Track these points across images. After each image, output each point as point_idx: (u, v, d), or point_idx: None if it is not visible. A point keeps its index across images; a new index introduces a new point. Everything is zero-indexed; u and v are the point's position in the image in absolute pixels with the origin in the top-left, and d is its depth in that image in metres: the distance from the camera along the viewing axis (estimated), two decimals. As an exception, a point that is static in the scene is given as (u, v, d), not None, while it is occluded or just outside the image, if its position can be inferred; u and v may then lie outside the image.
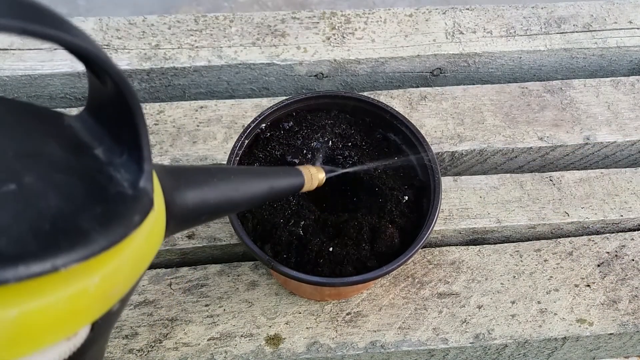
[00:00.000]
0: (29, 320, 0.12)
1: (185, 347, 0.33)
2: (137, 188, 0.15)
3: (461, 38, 0.47)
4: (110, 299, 0.14)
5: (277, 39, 0.46)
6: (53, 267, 0.12)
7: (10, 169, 0.13)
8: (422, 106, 0.43)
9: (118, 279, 0.14)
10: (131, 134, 0.15)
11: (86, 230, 0.13)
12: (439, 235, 0.38)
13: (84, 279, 0.13)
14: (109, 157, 0.16)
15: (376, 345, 0.33)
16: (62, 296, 0.12)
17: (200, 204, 0.18)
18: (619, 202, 0.39)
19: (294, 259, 0.30)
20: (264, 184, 0.22)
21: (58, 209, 0.13)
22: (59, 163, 0.14)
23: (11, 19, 0.11)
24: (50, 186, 0.13)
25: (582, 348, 0.36)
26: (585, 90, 0.45)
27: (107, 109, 0.16)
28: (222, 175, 0.20)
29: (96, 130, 0.16)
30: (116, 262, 0.14)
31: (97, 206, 0.14)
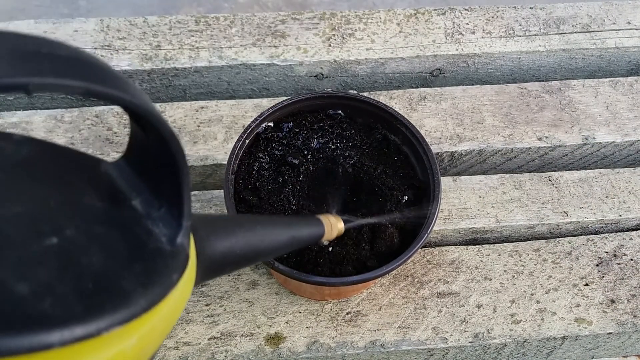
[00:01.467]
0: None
1: (185, 346, 0.33)
2: (175, 244, 0.15)
3: (460, 39, 0.47)
4: (143, 357, 0.14)
5: (277, 39, 0.46)
6: (97, 330, 0.12)
7: (51, 221, 0.13)
8: (421, 106, 0.43)
9: (153, 338, 0.14)
10: (172, 189, 0.15)
11: (128, 291, 0.13)
12: (439, 235, 0.38)
13: (122, 341, 0.13)
14: (147, 210, 0.15)
15: (376, 344, 0.33)
16: (104, 358, 0.12)
17: (227, 254, 0.18)
18: (617, 202, 0.39)
19: (294, 258, 0.30)
20: (286, 234, 0.22)
21: (100, 266, 0.13)
22: (98, 214, 0.14)
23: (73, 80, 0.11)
24: (91, 239, 0.13)
25: (581, 347, 0.36)
26: (584, 90, 0.45)
27: (147, 160, 0.16)
28: (249, 226, 0.20)
29: (134, 180, 0.16)
30: (153, 322, 0.14)
31: (137, 263, 0.14)
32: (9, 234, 0.12)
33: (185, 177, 0.15)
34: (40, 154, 0.15)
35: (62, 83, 0.11)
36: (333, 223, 0.26)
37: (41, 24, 0.45)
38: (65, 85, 0.11)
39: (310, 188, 0.34)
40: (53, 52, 0.12)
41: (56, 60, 0.12)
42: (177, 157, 0.15)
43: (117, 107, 0.42)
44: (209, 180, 0.41)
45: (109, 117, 0.42)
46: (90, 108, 0.42)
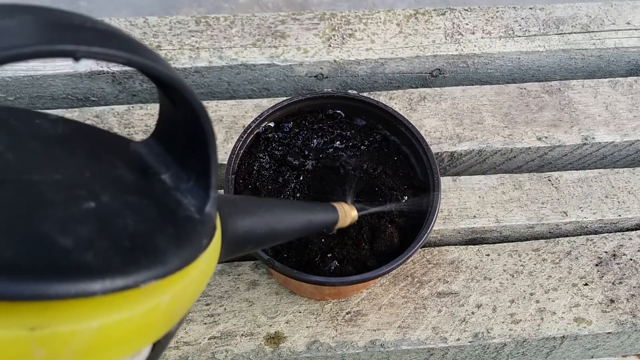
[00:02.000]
0: (107, 333, 0.12)
1: (186, 345, 0.33)
2: (204, 213, 0.16)
3: (460, 39, 0.47)
4: (174, 318, 0.15)
5: (278, 40, 0.46)
6: (135, 282, 0.12)
7: (88, 188, 0.14)
8: (421, 107, 0.43)
9: (184, 298, 0.15)
10: (200, 161, 0.16)
11: (163, 249, 0.14)
12: (438, 235, 0.38)
13: (157, 297, 0.13)
14: (176, 183, 0.16)
15: (376, 344, 0.33)
16: (138, 312, 0.13)
17: (248, 233, 0.19)
18: (617, 202, 0.39)
19: (294, 258, 0.30)
20: (303, 217, 0.23)
21: (135, 228, 0.14)
22: (130, 185, 0.15)
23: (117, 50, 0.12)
24: (125, 206, 0.14)
25: (581, 347, 0.36)
26: (583, 90, 0.45)
27: (176, 135, 0.17)
28: (268, 207, 0.21)
29: (162, 157, 0.17)
30: (185, 282, 0.14)
31: (170, 227, 0.15)
32: (51, 197, 0.13)
33: (213, 149, 0.16)
34: (74, 132, 0.16)
35: (107, 52, 0.12)
36: (347, 210, 0.27)
37: (42, 25, 0.45)
38: (110, 55, 0.12)
39: (310, 188, 0.34)
40: (95, 26, 0.13)
41: (100, 33, 0.13)
42: (205, 129, 0.16)
43: (118, 107, 0.42)
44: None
45: (109, 117, 0.42)
46: (90, 108, 0.42)
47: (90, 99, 0.46)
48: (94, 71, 0.43)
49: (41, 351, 0.11)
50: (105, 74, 0.44)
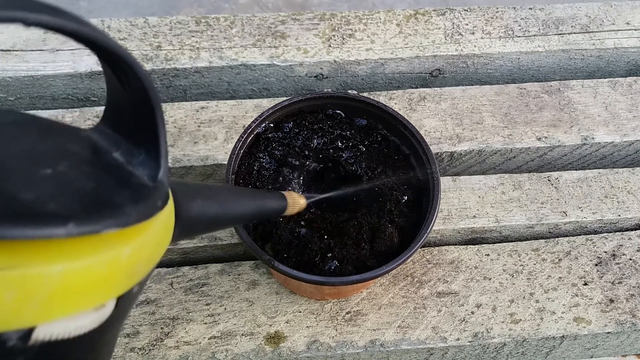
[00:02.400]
0: (72, 279, 0.13)
1: (186, 345, 0.33)
2: (156, 180, 0.17)
3: (460, 39, 0.47)
4: (134, 275, 0.15)
5: (278, 40, 0.46)
6: (97, 228, 0.13)
7: (42, 160, 0.14)
8: (421, 107, 0.43)
9: (142, 255, 0.15)
10: (149, 134, 0.17)
11: (121, 205, 0.14)
12: (438, 235, 0.39)
13: (117, 248, 0.14)
14: (127, 158, 0.17)
15: (376, 344, 0.33)
16: (100, 260, 0.14)
17: (200, 215, 0.20)
18: (616, 202, 0.40)
19: (294, 258, 0.31)
20: (253, 203, 0.24)
21: (92, 189, 0.15)
22: (83, 159, 0.16)
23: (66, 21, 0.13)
24: (81, 174, 0.15)
25: (580, 347, 0.36)
26: (583, 91, 0.45)
27: (124, 114, 0.17)
28: (220, 191, 0.22)
29: (112, 138, 0.18)
30: (142, 239, 0.15)
31: (126, 190, 0.15)
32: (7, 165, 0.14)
33: (160, 118, 0.17)
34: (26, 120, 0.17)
35: (56, 22, 0.13)
36: (295, 198, 0.28)
37: (42, 25, 0.45)
38: (58, 24, 0.13)
39: (310, 188, 0.35)
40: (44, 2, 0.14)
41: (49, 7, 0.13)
42: (150, 97, 0.16)
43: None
44: (210, 180, 0.41)
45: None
46: (90, 108, 0.42)
47: (91, 99, 0.46)
48: (94, 71, 0.43)
49: (10, 293, 0.12)
50: (105, 74, 0.44)
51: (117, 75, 0.16)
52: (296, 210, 0.28)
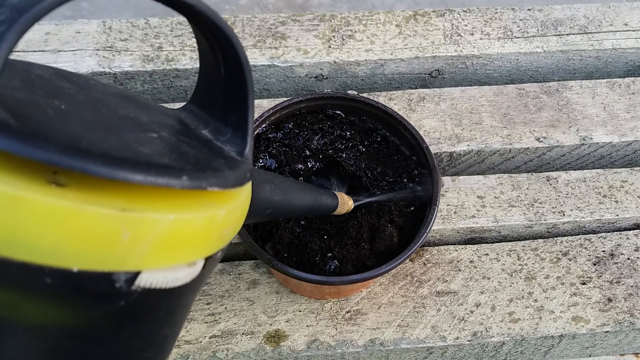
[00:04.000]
0: (179, 229, 0.14)
1: (187, 344, 0.33)
2: (243, 155, 0.18)
3: (459, 40, 0.47)
4: (223, 238, 0.16)
5: (278, 41, 0.46)
6: (205, 184, 0.14)
7: (147, 126, 0.16)
8: (420, 107, 0.44)
9: (231, 220, 0.16)
10: (237, 113, 0.18)
11: (221, 169, 0.16)
12: (437, 235, 0.39)
13: (217, 207, 0.15)
14: (215, 135, 0.18)
15: (375, 343, 0.33)
16: (203, 216, 0.15)
17: (269, 198, 0.21)
18: (614, 202, 0.40)
19: (294, 257, 0.31)
20: (311, 197, 0.25)
21: (194, 154, 0.16)
22: (179, 131, 0.17)
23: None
24: (181, 141, 0.16)
25: (579, 346, 0.36)
26: (581, 91, 0.45)
27: (215, 94, 0.18)
28: (285, 181, 0.23)
29: (201, 117, 0.19)
30: (233, 204, 0.16)
31: (221, 159, 0.17)
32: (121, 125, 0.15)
33: (251, 97, 0.18)
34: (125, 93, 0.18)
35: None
36: (345, 199, 0.29)
37: (43, 25, 0.46)
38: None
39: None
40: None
41: None
42: (246, 74, 0.17)
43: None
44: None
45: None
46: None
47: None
48: (95, 72, 0.44)
49: (128, 233, 0.13)
50: (106, 74, 0.44)
51: (214, 52, 0.17)
52: (344, 211, 0.29)
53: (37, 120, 0.13)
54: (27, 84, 0.14)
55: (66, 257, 0.12)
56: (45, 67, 0.17)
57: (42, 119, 0.13)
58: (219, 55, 0.17)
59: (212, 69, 0.18)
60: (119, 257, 0.13)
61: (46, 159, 0.11)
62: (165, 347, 0.17)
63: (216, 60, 0.18)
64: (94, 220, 0.12)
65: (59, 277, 0.12)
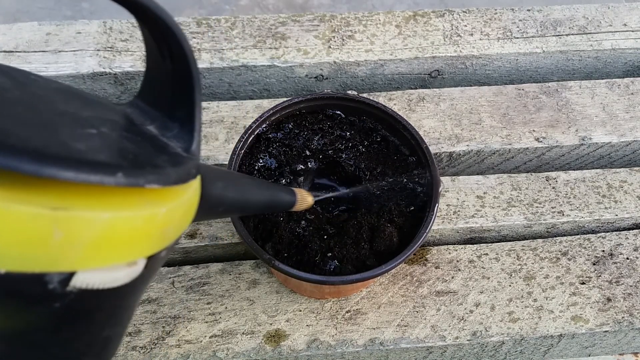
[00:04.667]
0: (114, 228, 0.13)
1: (187, 344, 0.33)
2: (190, 151, 0.17)
3: (459, 40, 0.47)
4: (166, 237, 0.16)
5: (278, 41, 0.46)
6: (142, 181, 0.14)
7: (87, 122, 0.15)
8: (420, 107, 0.44)
9: (174, 218, 0.16)
10: (185, 109, 0.17)
11: (162, 166, 0.15)
12: (437, 235, 0.39)
13: (155, 206, 0.15)
14: (162, 131, 0.18)
15: (375, 342, 0.34)
16: (140, 214, 0.14)
17: (220, 197, 0.20)
18: (613, 202, 0.40)
19: (294, 257, 0.31)
20: (268, 194, 0.25)
21: (134, 150, 0.15)
22: (122, 126, 0.17)
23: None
24: (123, 137, 0.16)
25: (578, 345, 0.37)
26: (580, 91, 0.45)
27: (161, 89, 0.18)
28: (240, 177, 0.23)
29: (147, 112, 0.18)
30: (176, 202, 0.16)
31: (164, 155, 0.16)
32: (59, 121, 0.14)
33: (198, 93, 0.17)
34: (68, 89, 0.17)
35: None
36: (304, 195, 0.28)
37: (44, 26, 0.46)
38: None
39: (311, 188, 0.35)
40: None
41: None
42: (191, 68, 0.17)
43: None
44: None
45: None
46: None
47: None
48: (96, 72, 0.44)
49: (59, 233, 0.12)
50: (107, 75, 0.44)
51: (159, 46, 0.17)
52: (304, 207, 0.28)
53: None
54: None
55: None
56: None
57: None
58: (165, 50, 0.17)
59: (159, 64, 0.18)
60: (51, 258, 0.12)
61: None
62: (108, 350, 0.17)
63: (162, 55, 0.17)
64: (22, 220, 0.12)
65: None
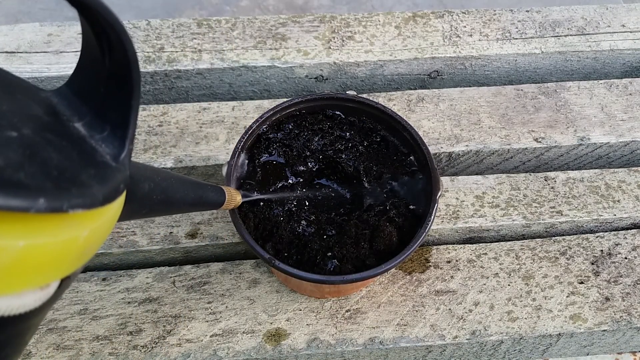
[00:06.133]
0: (30, 255, 0.12)
1: (188, 343, 0.33)
2: (119, 161, 0.16)
3: (458, 41, 0.48)
4: (84, 257, 0.15)
5: (278, 42, 0.46)
6: (65, 206, 0.12)
7: (6, 121, 0.13)
8: (419, 108, 0.44)
9: (96, 238, 0.15)
10: (119, 112, 0.16)
11: (88, 184, 0.14)
12: (436, 234, 0.39)
13: (78, 229, 0.14)
14: (90, 132, 0.16)
15: (375, 341, 0.34)
16: (60, 239, 0.13)
17: (145, 198, 0.19)
18: (612, 201, 0.40)
19: (294, 257, 0.31)
20: (195, 193, 0.24)
21: (59, 162, 0.14)
22: (46, 125, 0.15)
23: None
24: (46, 142, 0.14)
25: (576, 344, 0.37)
26: (579, 92, 0.46)
27: (95, 84, 0.16)
28: (166, 176, 0.21)
29: (76, 105, 0.17)
30: (101, 220, 0.15)
31: (91, 168, 0.15)
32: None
33: (136, 98, 0.16)
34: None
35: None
36: (233, 195, 0.28)
37: (46, 27, 0.46)
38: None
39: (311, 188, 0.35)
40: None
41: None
42: (132, 72, 0.15)
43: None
44: (211, 180, 0.42)
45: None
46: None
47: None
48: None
49: None
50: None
51: (99, 41, 0.15)
52: (232, 206, 0.28)
53: None
54: None
55: None
56: None
57: None
58: (104, 45, 0.15)
59: (95, 57, 0.16)
60: None
61: None
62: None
63: (101, 50, 0.15)
64: None
65: None
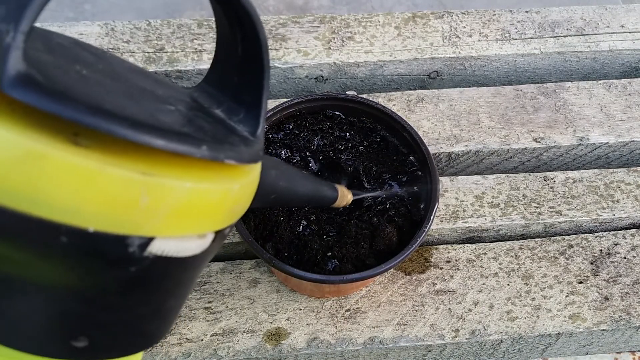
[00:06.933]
0: (194, 198, 0.14)
1: (188, 342, 0.33)
2: (256, 135, 0.18)
3: (457, 42, 0.48)
4: (233, 214, 0.16)
5: (278, 42, 0.47)
6: (223, 156, 0.14)
7: (164, 98, 0.16)
8: (419, 108, 0.44)
9: (243, 196, 0.17)
10: (253, 94, 0.18)
11: (237, 145, 0.16)
12: (436, 234, 0.39)
13: (231, 181, 0.15)
14: (228, 115, 0.18)
15: (375, 341, 0.34)
16: (218, 188, 0.15)
17: (273, 184, 0.21)
18: (611, 201, 0.40)
19: (294, 256, 0.31)
20: (313, 185, 0.25)
21: (211, 128, 0.16)
22: (194, 107, 0.17)
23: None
24: (197, 117, 0.16)
25: (576, 344, 0.37)
26: (578, 92, 0.46)
27: (230, 73, 0.19)
28: (289, 168, 0.24)
29: (214, 96, 0.19)
30: (246, 180, 0.16)
31: (235, 136, 0.17)
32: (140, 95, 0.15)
33: (267, 78, 0.18)
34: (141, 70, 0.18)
35: None
36: (345, 192, 0.29)
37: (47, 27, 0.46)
38: None
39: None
40: None
41: None
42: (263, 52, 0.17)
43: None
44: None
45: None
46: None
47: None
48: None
49: (146, 198, 0.13)
50: (108, 76, 0.44)
51: (233, 31, 0.17)
52: (344, 204, 0.29)
53: (61, 82, 0.13)
54: (48, 48, 0.14)
55: (84, 217, 0.12)
56: (64, 36, 0.17)
57: (65, 81, 0.13)
58: (237, 34, 0.17)
59: (229, 48, 0.18)
60: (136, 221, 0.13)
61: (75, 117, 0.11)
62: (169, 320, 0.17)
63: (234, 39, 0.18)
64: (115, 182, 0.12)
65: (74, 237, 0.12)
